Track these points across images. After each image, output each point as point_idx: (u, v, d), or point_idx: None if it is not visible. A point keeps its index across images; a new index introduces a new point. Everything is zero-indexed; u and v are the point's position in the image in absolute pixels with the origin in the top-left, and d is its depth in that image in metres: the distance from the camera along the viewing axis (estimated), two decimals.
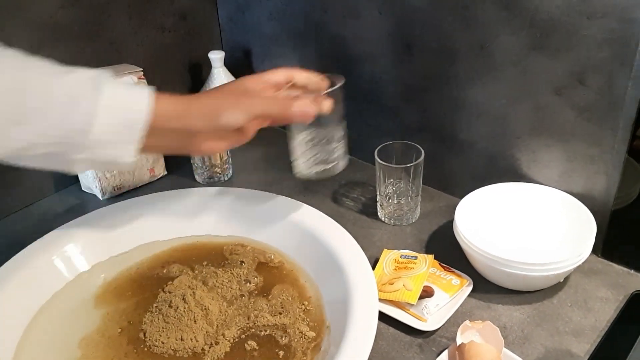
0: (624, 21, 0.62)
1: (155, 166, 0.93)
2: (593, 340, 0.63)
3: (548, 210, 0.74)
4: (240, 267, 0.72)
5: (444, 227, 0.80)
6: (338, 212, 0.83)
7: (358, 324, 0.58)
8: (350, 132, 0.96)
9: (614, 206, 0.71)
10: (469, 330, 0.61)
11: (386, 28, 0.82)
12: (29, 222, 0.86)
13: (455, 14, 0.74)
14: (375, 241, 0.79)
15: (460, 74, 0.77)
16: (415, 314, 0.66)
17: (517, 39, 0.70)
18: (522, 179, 0.78)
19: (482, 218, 0.74)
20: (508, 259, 0.65)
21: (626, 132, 0.67)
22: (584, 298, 0.68)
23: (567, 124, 0.71)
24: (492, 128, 0.78)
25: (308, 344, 0.61)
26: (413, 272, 0.69)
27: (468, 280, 0.70)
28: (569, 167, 0.73)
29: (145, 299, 0.68)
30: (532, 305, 0.67)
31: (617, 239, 0.72)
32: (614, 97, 0.66)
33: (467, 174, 0.83)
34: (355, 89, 0.90)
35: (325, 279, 0.68)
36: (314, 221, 0.74)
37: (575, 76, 0.68)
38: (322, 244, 0.70)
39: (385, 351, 0.63)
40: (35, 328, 0.64)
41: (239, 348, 0.61)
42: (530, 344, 0.63)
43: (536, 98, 0.72)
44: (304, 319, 0.64)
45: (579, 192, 0.73)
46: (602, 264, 0.72)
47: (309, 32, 0.92)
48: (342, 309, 0.61)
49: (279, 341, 0.62)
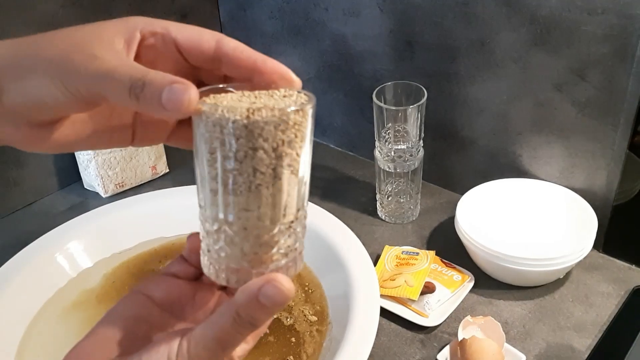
0: (625, 17, 0.62)
1: (157, 164, 0.93)
2: (594, 335, 0.63)
3: (549, 206, 0.74)
4: None
5: (445, 223, 0.81)
6: (339, 210, 0.84)
7: (360, 319, 0.59)
8: (352, 130, 0.96)
9: (615, 201, 0.71)
10: (471, 325, 0.62)
11: (387, 25, 0.82)
12: (31, 219, 0.86)
13: (456, 10, 0.74)
14: (377, 238, 0.79)
15: (461, 71, 0.77)
16: (416, 310, 0.66)
17: (518, 36, 0.70)
18: (523, 175, 0.78)
19: (483, 214, 0.74)
20: (509, 255, 0.65)
21: (627, 127, 0.67)
22: (585, 293, 0.68)
23: (568, 120, 0.71)
24: (493, 124, 0.78)
25: (311, 327, 0.62)
26: (414, 268, 0.69)
27: (469, 276, 0.70)
28: (570, 162, 0.73)
29: None
30: (534, 300, 0.68)
31: (618, 234, 0.72)
32: (614, 93, 0.66)
33: (468, 170, 0.84)
34: (357, 86, 0.91)
35: (326, 275, 0.68)
36: (315, 217, 0.74)
37: (575, 72, 0.68)
38: (324, 240, 0.71)
39: (387, 347, 0.63)
40: (38, 324, 0.65)
41: None
42: (531, 339, 0.63)
43: (537, 94, 0.72)
44: (306, 301, 0.66)
45: (580, 187, 0.73)
46: (603, 259, 0.73)
47: (309, 30, 0.92)
48: (344, 305, 0.62)
49: (284, 322, 0.63)
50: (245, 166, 0.29)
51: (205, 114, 0.29)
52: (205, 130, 0.29)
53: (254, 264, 0.31)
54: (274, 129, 0.29)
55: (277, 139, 0.29)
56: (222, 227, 0.31)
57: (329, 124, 0.99)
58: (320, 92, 0.96)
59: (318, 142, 1.00)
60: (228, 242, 0.31)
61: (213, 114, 0.29)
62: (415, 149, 0.76)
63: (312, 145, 0.31)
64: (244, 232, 0.30)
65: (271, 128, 0.29)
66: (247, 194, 0.29)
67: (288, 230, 0.31)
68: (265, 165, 0.29)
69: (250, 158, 0.29)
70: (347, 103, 0.94)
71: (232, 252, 0.31)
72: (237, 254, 0.31)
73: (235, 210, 0.30)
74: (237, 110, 0.28)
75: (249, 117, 0.28)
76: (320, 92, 0.96)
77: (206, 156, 0.30)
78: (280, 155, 0.29)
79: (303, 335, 0.62)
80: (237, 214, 0.30)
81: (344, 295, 0.63)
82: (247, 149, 0.29)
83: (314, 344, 0.61)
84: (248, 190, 0.29)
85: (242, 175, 0.29)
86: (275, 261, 0.31)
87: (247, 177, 0.29)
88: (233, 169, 0.29)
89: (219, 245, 0.31)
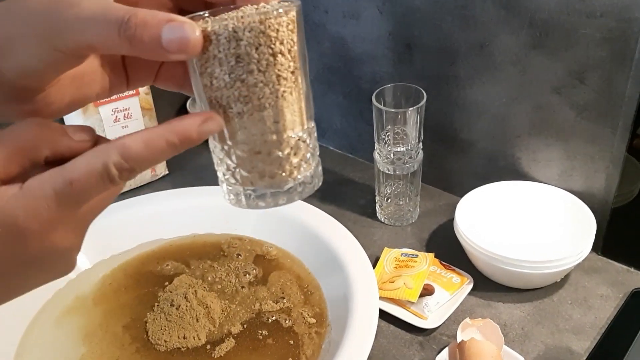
0: (623, 20, 0.62)
1: (157, 165, 0.93)
2: (593, 338, 0.63)
3: (548, 209, 0.74)
4: (237, 259, 0.73)
5: (444, 225, 0.81)
6: (338, 212, 0.84)
7: (359, 321, 0.59)
8: (351, 132, 0.97)
9: (613, 204, 0.71)
10: (470, 328, 0.62)
11: (386, 28, 0.82)
12: None
13: (455, 13, 0.74)
14: (376, 240, 0.79)
15: (460, 74, 0.77)
16: (415, 312, 0.66)
17: (517, 39, 0.70)
18: (522, 177, 0.78)
19: (482, 216, 0.74)
20: (508, 257, 0.65)
21: (625, 130, 0.67)
22: (584, 296, 0.68)
23: (567, 123, 0.71)
24: (492, 127, 0.78)
25: (310, 329, 0.63)
26: (413, 271, 0.69)
27: (468, 279, 0.70)
28: (569, 165, 0.73)
29: (144, 295, 0.68)
30: (533, 303, 0.68)
31: (617, 237, 0.72)
32: (613, 96, 0.66)
33: (467, 173, 0.84)
34: (356, 88, 0.91)
35: (326, 277, 0.68)
36: (313, 219, 0.74)
37: (574, 75, 0.68)
38: (323, 242, 0.71)
39: (386, 349, 0.63)
40: (37, 326, 0.65)
41: (252, 338, 0.62)
42: (530, 341, 0.63)
43: (536, 97, 0.72)
44: (305, 303, 0.66)
45: (579, 190, 0.73)
46: (602, 261, 0.73)
47: (309, 32, 0.92)
48: (342, 307, 0.62)
49: (283, 324, 0.63)
50: (269, 75, 0.28)
51: (216, 32, 0.27)
52: (218, 51, 0.28)
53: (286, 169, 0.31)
54: (287, 29, 0.29)
55: (290, 40, 0.29)
56: (262, 149, 0.30)
57: (329, 126, 0.99)
58: (319, 94, 0.96)
59: None
60: (263, 156, 0.30)
61: (225, 30, 0.27)
62: (414, 151, 0.76)
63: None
64: (278, 145, 0.30)
65: (284, 29, 0.28)
66: (276, 104, 0.29)
67: (310, 135, 0.31)
68: (286, 69, 0.29)
69: (272, 65, 0.28)
70: (346, 105, 0.94)
71: (266, 165, 0.30)
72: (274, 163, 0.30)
73: (267, 124, 0.29)
74: (248, 19, 0.27)
75: (263, 22, 0.27)
76: (320, 94, 0.96)
77: (224, 79, 0.28)
78: (295, 57, 0.29)
79: (302, 338, 0.62)
80: (271, 127, 0.29)
81: (343, 297, 0.63)
82: (269, 55, 0.28)
83: (313, 346, 0.61)
84: (276, 99, 0.29)
85: (267, 86, 0.28)
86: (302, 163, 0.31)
87: (273, 87, 0.28)
88: (258, 81, 0.28)
89: (251, 166, 0.30)
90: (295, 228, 0.74)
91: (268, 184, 0.31)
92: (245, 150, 0.30)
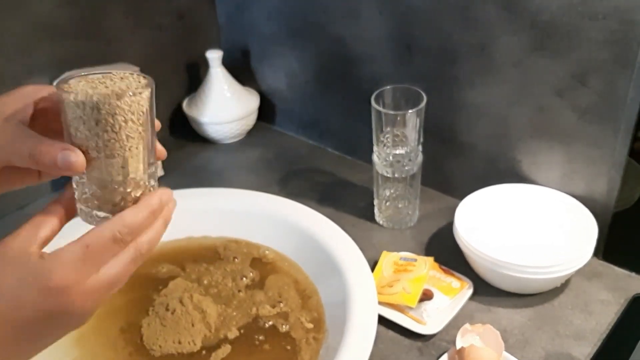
0: (625, 23, 0.61)
1: None
2: (594, 344, 0.62)
3: (549, 212, 0.73)
4: (234, 262, 0.72)
5: (444, 229, 0.80)
6: (336, 215, 0.83)
7: (357, 326, 0.58)
8: (350, 134, 0.96)
9: (615, 208, 0.71)
10: (469, 333, 0.61)
11: (386, 28, 0.81)
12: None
13: (456, 14, 0.73)
14: (375, 243, 0.78)
15: (460, 75, 0.77)
16: (414, 317, 0.65)
17: (518, 40, 0.69)
18: (522, 180, 0.77)
19: (482, 220, 0.73)
20: (508, 262, 0.64)
21: (627, 133, 0.66)
22: (584, 301, 0.67)
23: (568, 126, 0.70)
24: (493, 129, 0.77)
25: (307, 335, 0.62)
26: (412, 275, 0.68)
27: (468, 283, 0.69)
28: (570, 168, 0.73)
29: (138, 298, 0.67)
30: (533, 308, 0.67)
31: (618, 242, 0.72)
32: (615, 99, 0.65)
33: (467, 175, 0.83)
34: (355, 89, 0.90)
35: (323, 281, 0.67)
36: (311, 222, 0.73)
37: (576, 77, 0.67)
38: (320, 245, 0.70)
39: (385, 354, 0.62)
40: None
41: (248, 344, 0.62)
42: (530, 347, 0.62)
43: (537, 99, 0.71)
44: (302, 308, 0.65)
45: (580, 194, 0.73)
46: (603, 266, 0.72)
47: (308, 32, 0.91)
48: (341, 312, 0.61)
49: (280, 329, 0.63)
50: (120, 135, 0.38)
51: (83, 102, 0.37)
52: (83, 114, 0.37)
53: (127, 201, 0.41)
54: (138, 105, 0.38)
55: (140, 111, 0.39)
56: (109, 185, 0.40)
57: (327, 127, 0.98)
58: (318, 95, 0.95)
59: (315, 146, 0.99)
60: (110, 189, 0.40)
61: (90, 100, 0.37)
62: (414, 153, 0.75)
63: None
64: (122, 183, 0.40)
65: (136, 104, 0.38)
66: (123, 155, 0.39)
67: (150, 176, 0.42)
68: (134, 131, 0.39)
69: (123, 128, 0.38)
70: (345, 106, 0.94)
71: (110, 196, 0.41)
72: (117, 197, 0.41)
73: (116, 168, 0.39)
74: (108, 96, 0.37)
75: (120, 98, 0.37)
76: (318, 95, 0.95)
77: (85, 133, 0.38)
78: (143, 122, 0.39)
79: (299, 343, 0.61)
80: (117, 171, 0.40)
81: (341, 302, 0.62)
82: (121, 121, 0.38)
83: (311, 351, 0.60)
84: (124, 152, 0.39)
85: (118, 142, 0.39)
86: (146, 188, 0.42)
87: (122, 143, 0.39)
88: (111, 138, 0.38)
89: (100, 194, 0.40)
90: (292, 231, 0.73)
91: (109, 210, 0.41)
92: (96, 184, 0.40)
